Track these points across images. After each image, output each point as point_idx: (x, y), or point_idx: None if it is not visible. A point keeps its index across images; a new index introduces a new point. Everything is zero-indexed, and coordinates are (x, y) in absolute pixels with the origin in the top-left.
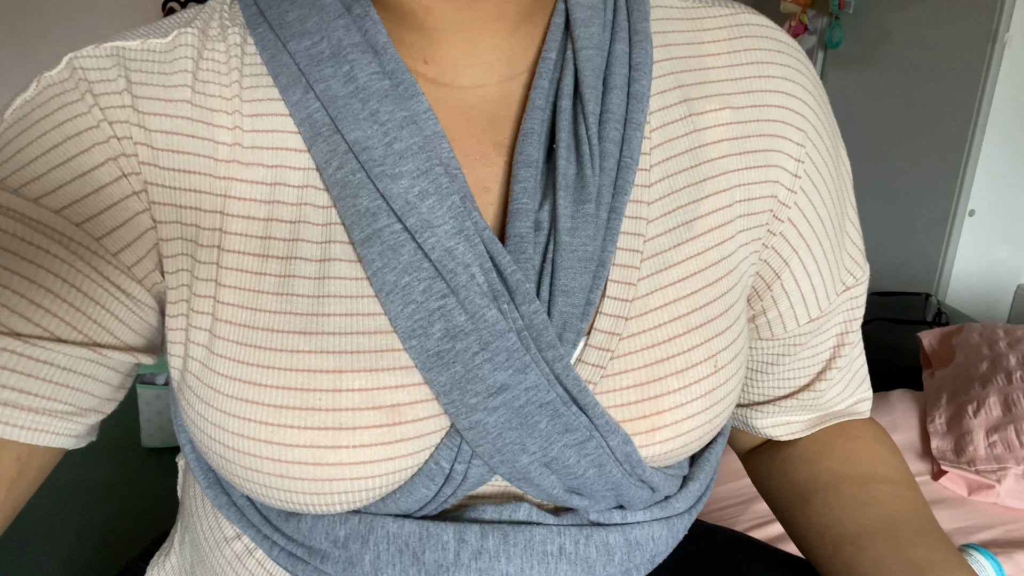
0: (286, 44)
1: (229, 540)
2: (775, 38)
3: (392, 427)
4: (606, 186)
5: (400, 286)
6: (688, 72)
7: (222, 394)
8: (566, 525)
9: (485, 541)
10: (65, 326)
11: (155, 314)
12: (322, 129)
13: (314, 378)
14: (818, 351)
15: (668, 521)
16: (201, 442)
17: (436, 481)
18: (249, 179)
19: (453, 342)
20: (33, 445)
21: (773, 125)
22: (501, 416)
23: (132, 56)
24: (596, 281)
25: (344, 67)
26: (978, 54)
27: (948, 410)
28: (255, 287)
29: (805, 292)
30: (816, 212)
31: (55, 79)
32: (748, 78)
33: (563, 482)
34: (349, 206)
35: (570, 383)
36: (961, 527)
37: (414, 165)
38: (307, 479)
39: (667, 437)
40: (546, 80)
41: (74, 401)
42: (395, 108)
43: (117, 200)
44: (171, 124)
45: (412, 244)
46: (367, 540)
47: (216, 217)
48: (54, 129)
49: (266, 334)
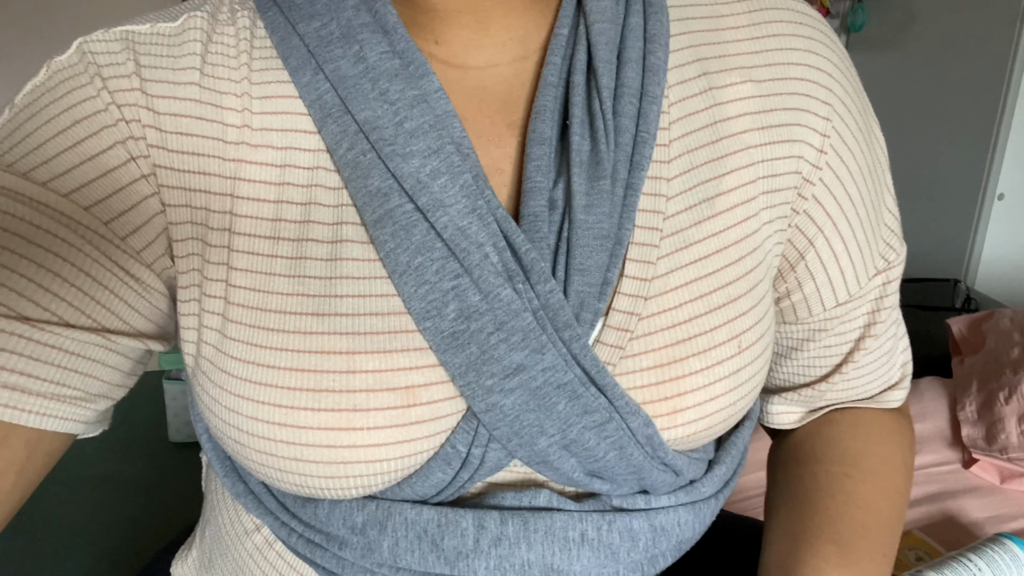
0: (295, 26)
1: (249, 532)
2: (798, 10)
3: (407, 409)
4: (622, 162)
5: (413, 266)
6: (707, 46)
7: (236, 377)
8: (588, 511)
9: (505, 527)
10: (73, 311)
11: (165, 299)
12: (332, 110)
13: (327, 359)
14: (843, 340)
15: (694, 506)
16: (216, 427)
17: (453, 465)
18: (259, 161)
19: (468, 322)
20: (42, 430)
21: (797, 99)
22: (518, 398)
23: (141, 40)
24: (613, 259)
25: (354, 47)
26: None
27: (979, 397)
28: (267, 269)
29: (832, 274)
30: (845, 189)
31: (64, 63)
32: (770, 50)
33: (583, 465)
34: (360, 187)
35: (588, 364)
36: (993, 516)
37: (425, 144)
38: (322, 462)
39: (690, 419)
40: (558, 56)
41: (83, 386)
42: (405, 87)
43: (126, 184)
44: (180, 107)
45: (424, 224)
46: (385, 526)
47: (226, 200)
48: (63, 113)
49: (279, 316)
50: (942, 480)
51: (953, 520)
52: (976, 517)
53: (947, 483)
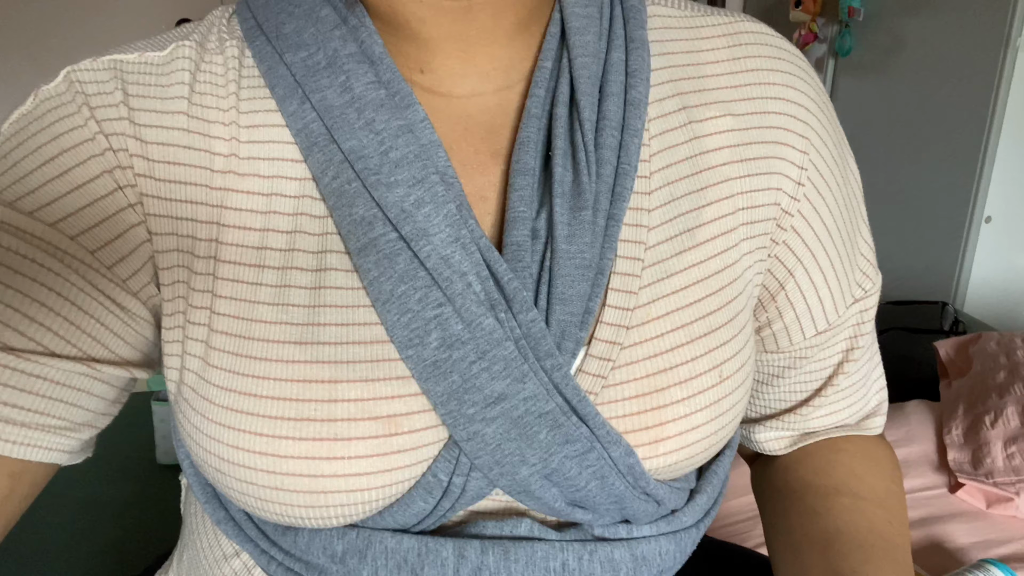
0: (283, 55)
1: (228, 558)
2: (776, 45)
3: (388, 438)
4: (603, 193)
5: (396, 295)
6: (687, 80)
7: (217, 405)
8: (569, 540)
9: (485, 557)
10: (59, 340)
11: (151, 327)
12: (318, 139)
13: (309, 388)
14: (824, 365)
15: (676, 535)
16: (197, 455)
17: (434, 494)
18: (245, 190)
19: (450, 351)
20: (26, 460)
21: (775, 132)
22: (500, 427)
23: (129, 69)
24: (595, 289)
25: (340, 77)
26: (991, 59)
27: (965, 421)
28: (250, 297)
29: (811, 304)
30: (822, 221)
31: (52, 92)
32: (749, 85)
33: (565, 495)
34: (345, 215)
35: (569, 393)
36: (979, 541)
37: (409, 174)
38: (303, 491)
39: (671, 449)
40: (542, 89)
41: (68, 416)
42: (391, 117)
43: (112, 213)
44: (167, 136)
45: (408, 253)
46: (365, 555)
47: (212, 228)
48: (50, 142)
49: (261, 344)
50: (928, 505)
51: (939, 546)
52: (962, 542)
53: (933, 508)
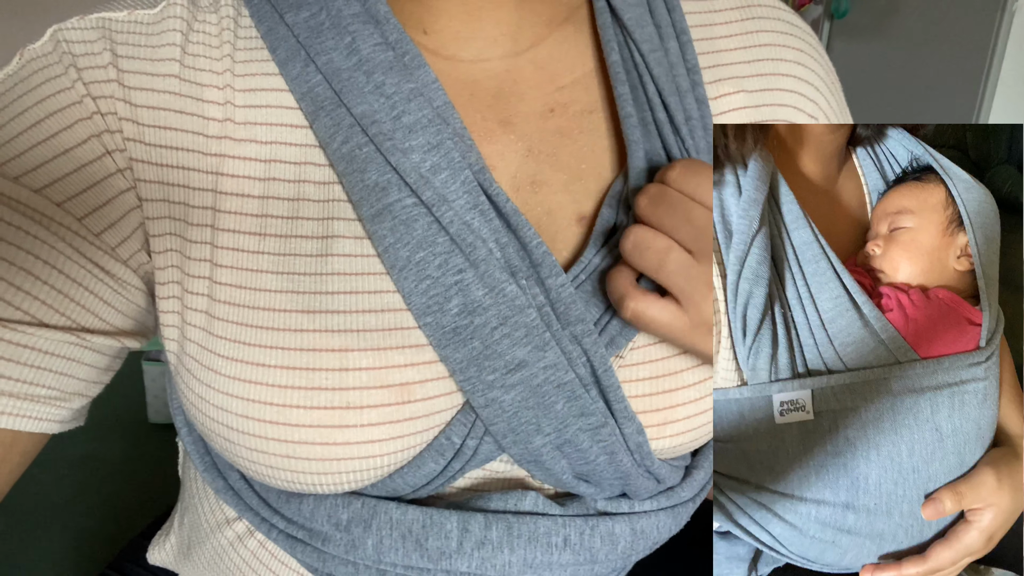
0: (283, 15)
1: (230, 522)
2: (787, 20)
3: (401, 406)
4: None
5: (414, 261)
6: (703, 55)
7: (224, 376)
8: (571, 515)
9: (489, 532)
10: (48, 309)
11: (143, 295)
12: (324, 103)
13: (319, 357)
14: None
15: (674, 509)
16: (204, 424)
17: (446, 456)
18: (242, 156)
19: (471, 317)
20: (16, 431)
21: (785, 110)
22: (518, 394)
23: (118, 28)
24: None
25: (345, 38)
26: (986, 22)
27: None
28: (253, 266)
29: None
30: None
31: (38, 52)
32: (761, 60)
33: (573, 467)
34: (356, 181)
35: (597, 360)
36: None
37: (424, 139)
38: (314, 459)
39: (678, 431)
40: (625, 86)
41: (58, 385)
42: (401, 80)
43: (100, 178)
44: (158, 99)
45: (426, 218)
46: (370, 525)
47: (208, 195)
48: (36, 105)
49: (267, 314)
50: None
51: None
52: None
53: None
